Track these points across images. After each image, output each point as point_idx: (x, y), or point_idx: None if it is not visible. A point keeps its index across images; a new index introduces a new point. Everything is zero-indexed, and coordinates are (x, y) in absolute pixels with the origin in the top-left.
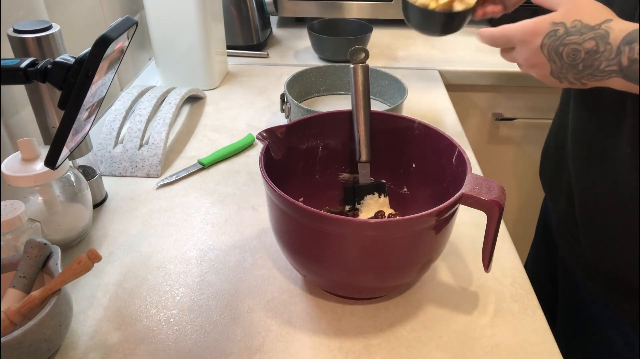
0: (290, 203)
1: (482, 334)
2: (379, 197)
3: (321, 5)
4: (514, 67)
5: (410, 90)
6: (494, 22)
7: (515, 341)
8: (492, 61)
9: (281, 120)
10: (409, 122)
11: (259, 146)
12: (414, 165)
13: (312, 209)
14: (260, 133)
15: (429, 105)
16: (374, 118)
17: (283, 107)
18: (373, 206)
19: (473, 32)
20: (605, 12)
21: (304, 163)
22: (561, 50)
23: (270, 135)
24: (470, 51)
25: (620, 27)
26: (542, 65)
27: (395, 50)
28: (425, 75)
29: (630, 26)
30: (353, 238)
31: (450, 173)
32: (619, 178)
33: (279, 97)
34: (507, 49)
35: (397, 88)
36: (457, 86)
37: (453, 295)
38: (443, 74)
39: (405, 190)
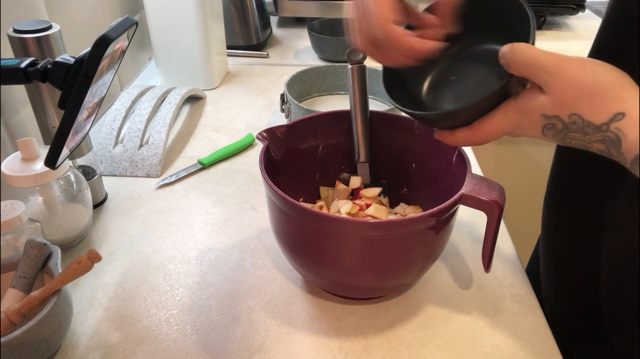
0: (290, 203)
1: (482, 334)
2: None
3: (321, 5)
4: None
5: None
6: None
7: (515, 341)
8: None
9: (281, 120)
10: (409, 122)
11: (259, 146)
12: (414, 165)
13: (312, 209)
14: (260, 133)
15: None
16: (374, 118)
17: (283, 107)
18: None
19: None
20: (613, 97)
21: (304, 163)
22: (568, 142)
23: (270, 135)
24: None
25: (634, 137)
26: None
27: None
28: None
29: None
30: (353, 238)
31: (451, 173)
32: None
33: (279, 97)
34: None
35: None
36: None
37: (453, 294)
38: None
39: (405, 190)
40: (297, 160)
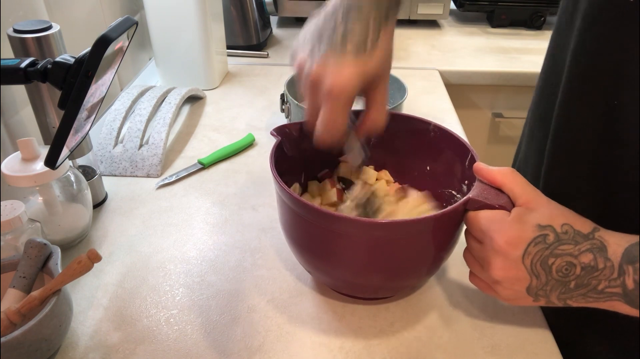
0: (298, 201)
1: (482, 334)
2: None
3: (321, 5)
4: (513, 67)
5: (410, 90)
6: None
7: (515, 341)
8: (492, 61)
9: (281, 120)
10: (425, 124)
11: (259, 146)
12: (428, 168)
13: (320, 208)
14: (274, 130)
15: (429, 105)
16: (390, 119)
17: (283, 107)
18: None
19: (474, 32)
20: (585, 219)
21: (317, 162)
22: (551, 263)
23: (284, 132)
24: (470, 51)
25: (614, 240)
26: (518, 280)
27: (395, 49)
28: (425, 75)
29: (623, 238)
30: (360, 237)
31: (463, 176)
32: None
33: (279, 97)
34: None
35: (397, 88)
36: (457, 86)
37: (453, 295)
38: (443, 74)
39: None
40: (309, 158)
